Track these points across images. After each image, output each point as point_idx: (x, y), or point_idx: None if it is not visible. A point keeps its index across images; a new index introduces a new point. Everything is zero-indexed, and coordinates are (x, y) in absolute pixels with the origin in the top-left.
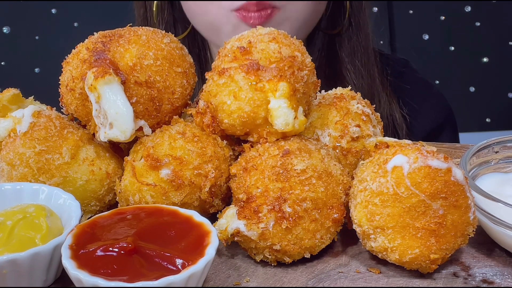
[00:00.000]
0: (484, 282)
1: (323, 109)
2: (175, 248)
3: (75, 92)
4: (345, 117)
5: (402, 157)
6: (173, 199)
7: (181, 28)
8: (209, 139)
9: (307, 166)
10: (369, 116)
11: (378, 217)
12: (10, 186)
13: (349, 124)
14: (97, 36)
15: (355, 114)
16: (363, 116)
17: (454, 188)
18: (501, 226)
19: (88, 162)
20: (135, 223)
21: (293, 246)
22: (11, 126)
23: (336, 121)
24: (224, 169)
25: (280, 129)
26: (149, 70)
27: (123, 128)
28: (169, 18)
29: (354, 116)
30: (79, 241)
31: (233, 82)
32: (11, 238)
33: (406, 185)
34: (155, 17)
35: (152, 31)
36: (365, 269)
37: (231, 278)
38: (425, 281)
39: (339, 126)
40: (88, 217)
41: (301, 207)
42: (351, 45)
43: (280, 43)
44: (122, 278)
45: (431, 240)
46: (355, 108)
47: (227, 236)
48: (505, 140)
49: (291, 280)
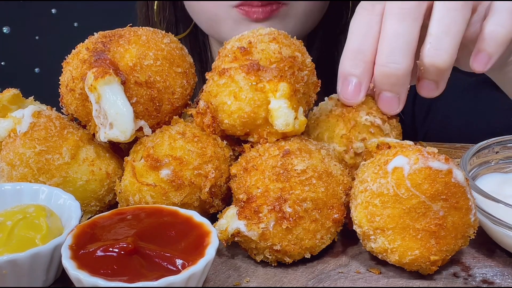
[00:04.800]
0: (484, 283)
1: (331, 120)
2: (175, 249)
3: (75, 92)
4: (351, 131)
5: (403, 158)
6: (173, 199)
7: (183, 28)
8: (209, 139)
9: (307, 166)
10: (379, 127)
11: (378, 218)
12: (10, 186)
13: (355, 138)
14: (97, 36)
15: (362, 126)
16: (372, 129)
17: (454, 189)
18: (501, 226)
19: (88, 162)
20: (135, 224)
21: (294, 246)
22: (11, 126)
23: (342, 135)
24: (224, 169)
25: (281, 130)
26: (149, 70)
27: (123, 128)
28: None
29: (361, 128)
30: (79, 241)
31: (234, 82)
32: (11, 238)
33: (407, 186)
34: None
35: (152, 31)
36: (365, 270)
37: (231, 278)
38: (425, 282)
39: (344, 141)
40: (88, 217)
41: (302, 207)
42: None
43: (280, 43)
44: (122, 278)
45: (431, 242)
46: (363, 120)
47: (227, 236)
48: (505, 140)
49: (291, 280)
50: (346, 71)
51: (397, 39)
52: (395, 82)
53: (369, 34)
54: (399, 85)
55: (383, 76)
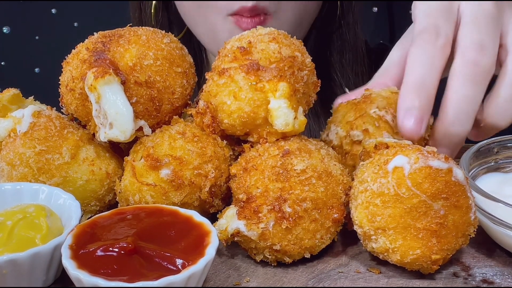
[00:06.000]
0: (484, 282)
1: (348, 106)
2: (175, 248)
3: (75, 92)
4: (358, 119)
5: (403, 157)
6: (173, 199)
7: (177, 30)
8: (209, 139)
9: (307, 166)
10: (387, 123)
11: (379, 218)
12: (10, 186)
13: (358, 126)
14: (97, 36)
15: (369, 118)
16: (377, 122)
17: (455, 188)
18: (501, 226)
19: (88, 162)
20: (135, 223)
21: (293, 246)
22: (11, 126)
23: (348, 121)
24: (224, 169)
25: (280, 129)
26: (149, 70)
27: (123, 128)
28: (164, 20)
29: (367, 119)
30: (79, 241)
31: (233, 82)
32: (11, 238)
33: (407, 186)
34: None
35: (152, 31)
36: (365, 269)
37: (231, 278)
38: (425, 281)
39: (347, 127)
40: (88, 217)
41: (301, 207)
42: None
43: (280, 43)
44: (122, 278)
45: (432, 241)
46: (371, 112)
47: (227, 236)
48: (505, 140)
49: (291, 280)
50: (409, 104)
51: (466, 103)
52: (457, 143)
53: (433, 68)
54: (459, 145)
55: (445, 135)
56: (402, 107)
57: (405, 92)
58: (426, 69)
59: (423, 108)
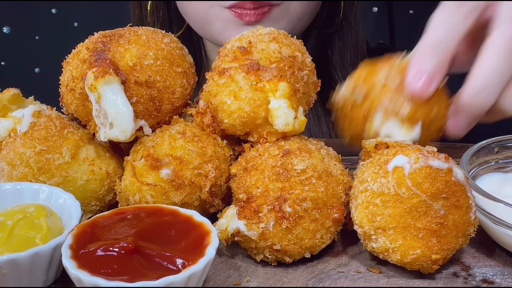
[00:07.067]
0: (484, 282)
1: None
2: (175, 248)
3: (75, 92)
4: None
5: (403, 157)
6: (173, 199)
7: (177, 28)
8: (209, 139)
9: (307, 166)
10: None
11: (379, 217)
12: (10, 186)
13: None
14: (97, 36)
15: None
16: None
17: (455, 188)
18: (501, 226)
19: (88, 162)
20: (135, 223)
21: (293, 246)
22: (11, 126)
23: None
24: (224, 169)
25: (280, 129)
26: (149, 70)
27: (123, 128)
28: (164, 18)
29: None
30: (79, 241)
31: (233, 82)
32: (11, 238)
33: (407, 186)
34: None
35: (152, 31)
36: (365, 269)
37: (231, 278)
38: (425, 281)
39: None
40: (88, 217)
41: (301, 207)
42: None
43: (280, 43)
44: (122, 278)
45: (432, 241)
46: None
47: (227, 236)
48: (505, 140)
49: (291, 280)
50: (420, 65)
51: (497, 74)
52: (477, 114)
53: (451, 31)
54: (477, 117)
55: (468, 106)
56: (413, 66)
57: (419, 49)
58: (443, 31)
59: (435, 69)
